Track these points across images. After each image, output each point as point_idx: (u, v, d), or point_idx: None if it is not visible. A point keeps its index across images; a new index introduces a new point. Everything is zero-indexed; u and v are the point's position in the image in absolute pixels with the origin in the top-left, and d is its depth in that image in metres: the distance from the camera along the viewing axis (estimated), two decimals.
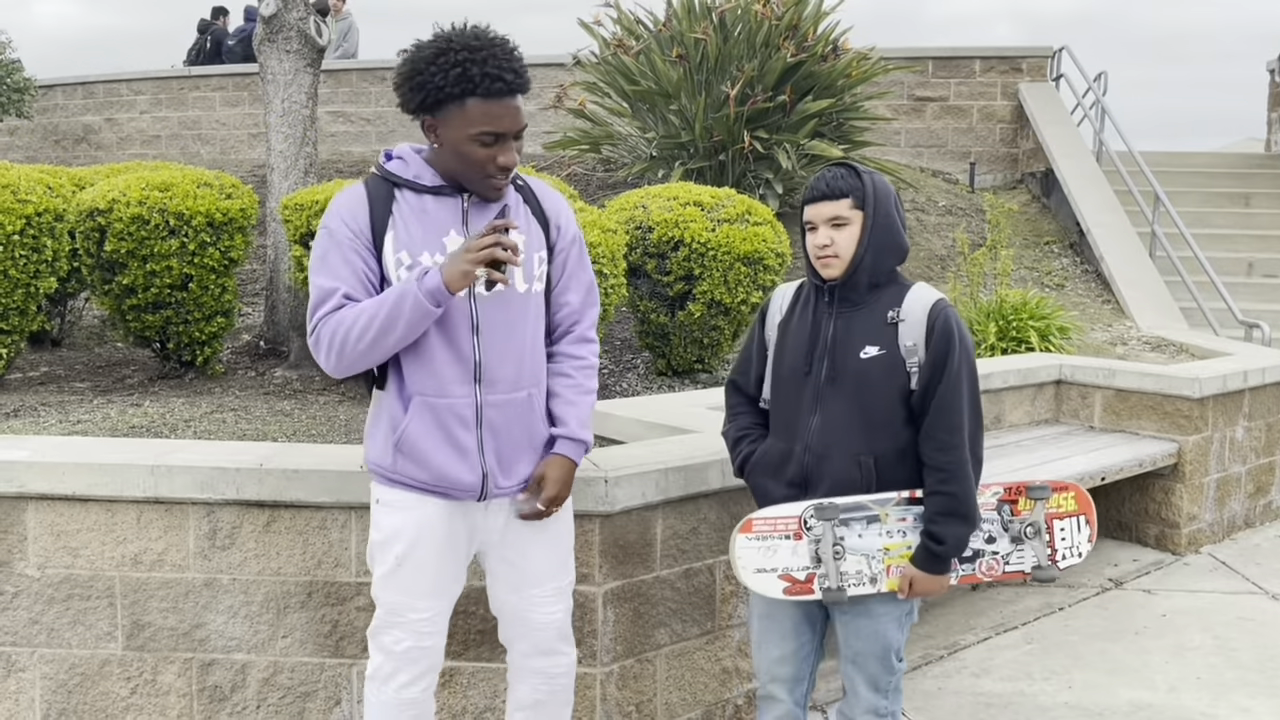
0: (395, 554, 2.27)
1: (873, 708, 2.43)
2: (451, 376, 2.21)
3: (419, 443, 2.21)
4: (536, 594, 2.38)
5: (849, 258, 2.31)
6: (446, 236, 2.21)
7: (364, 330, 2.11)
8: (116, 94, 12.71)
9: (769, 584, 2.33)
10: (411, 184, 2.22)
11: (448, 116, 2.13)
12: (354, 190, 2.23)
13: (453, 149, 2.16)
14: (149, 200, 4.68)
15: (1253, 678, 3.67)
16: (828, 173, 2.34)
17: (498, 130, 2.13)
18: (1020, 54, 10.77)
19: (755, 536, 2.35)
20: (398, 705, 2.32)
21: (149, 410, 4.33)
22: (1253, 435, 5.39)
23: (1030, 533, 2.38)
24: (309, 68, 5.53)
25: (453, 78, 2.09)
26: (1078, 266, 8.47)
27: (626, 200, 5.55)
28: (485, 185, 2.20)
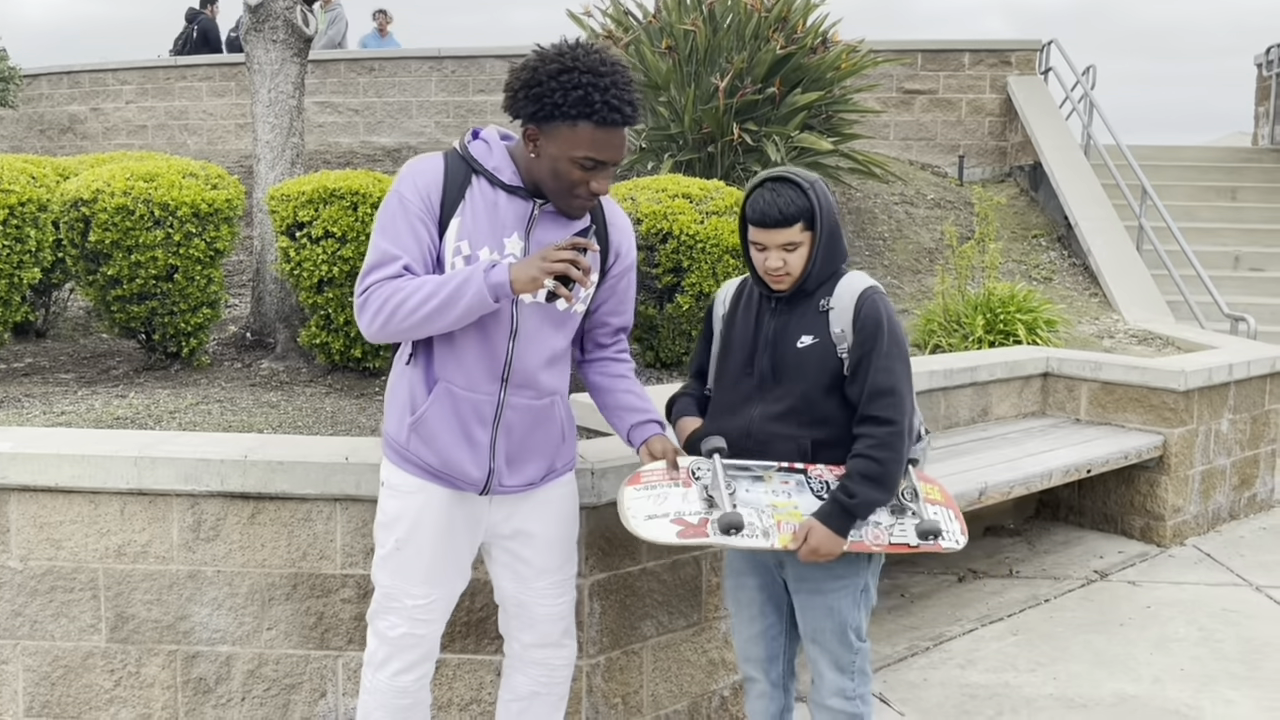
0: (395, 537, 2.28)
1: (839, 689, 2.46)
2: (480, 374, 2.22)
3: (435, 429, 2.23)
4: (541, 585, 2.40)
5: (799, 273, 2.38)
6: (509, 237, 2.20)
7: (419, 305, 2.10)
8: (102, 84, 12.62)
9: (661, 529, 2.31)
10: (490, 174, 2.21)
11: (555, 133, 2.12)
12: (433, 161, 2.21)
13: (550, 164, 2.14)
14: (134, 190, 4.64)
15: (1236, 669, 3.69)
16: (776, 196, 2.31)
17: (601, 158, 2.13)
18: (1009, 47, 10.78)
19: (644, 486, 2.37)
20: (391, 692, 2.33)
21: (134, 402, 4.31)
22: (1238, 428, 5.42)
23: (908, 496, 2.38)
24: (296, 58, 5.49)
25: (573, 99, 2.07)
26: (1065, 260, 8.49)
27: (615, 192, 5.53)
28: (569, 204, 2.19)
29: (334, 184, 4.67)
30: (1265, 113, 11.44)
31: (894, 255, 8.09)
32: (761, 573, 2.53)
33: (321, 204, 4.64)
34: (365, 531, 2.80)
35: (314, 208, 4.64)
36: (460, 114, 11.22)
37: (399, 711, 2.35)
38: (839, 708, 2.46)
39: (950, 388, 4.93)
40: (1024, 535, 5.18)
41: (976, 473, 4.13)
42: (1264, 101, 11.50)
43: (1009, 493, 4.14)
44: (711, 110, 7.51)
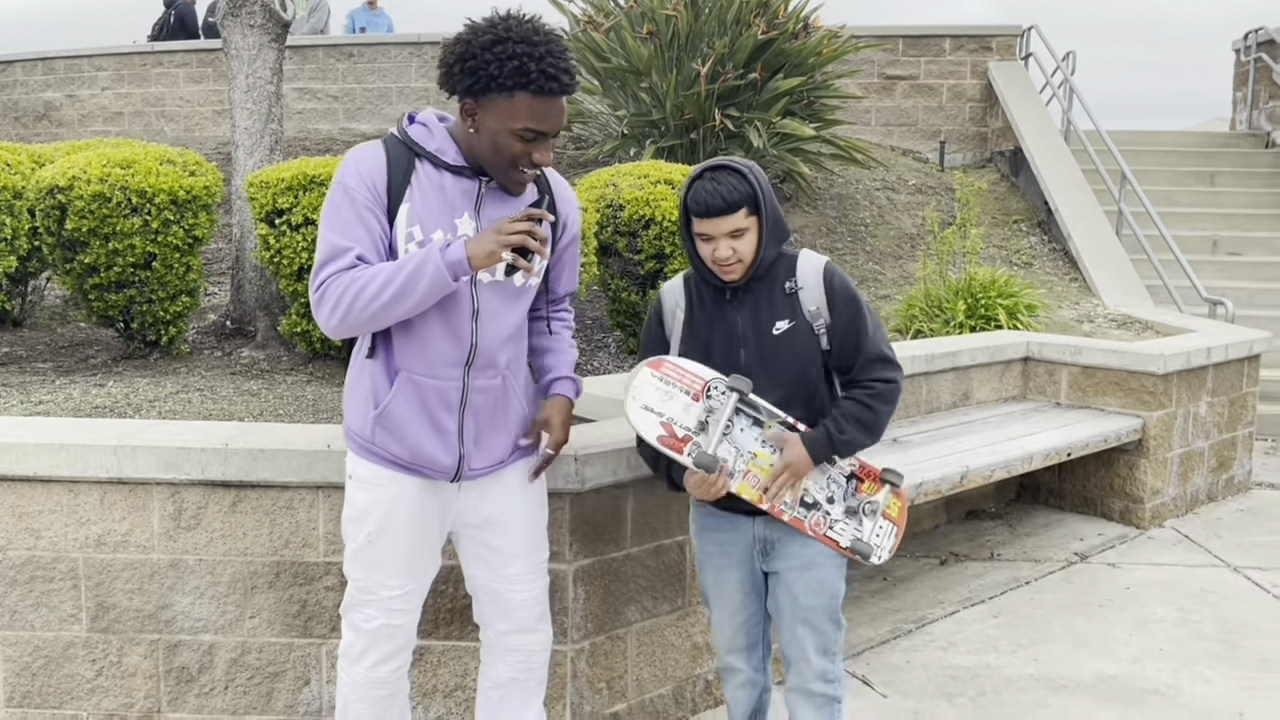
0: (367, 531, 2.25)
1: (823, 673, 2.46)
2: (444, 359, 2.19)
3: (400, 420, 2.20)
4: (512, 572, 2.37)
5: (750, 259, 2.35)
6: (459, 218, 2.17)
7: (377, 293, 2.06)
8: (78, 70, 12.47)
9: (648, 423, 2.30)
10: (433, 157, 2.17)
11: (493, 105, 2.08)
12: (373, 149, 2.17)
13: (490, 138, 2.11)
14: (110, 178, 4.60)
15: (1215, 649, 3.73)
16: (718, 185, 2.28)
17: (541, 129, 2.10)
18: (990, 33, 10.80)
19: (660, 378, 2.34)
20: (369, 684, 2.31)
21: (112, 391, 4.28)
22: (1215, 411, 5.47)
23: (868, 510, 2.42)
24: (273, 43, 5.44)
25: (509, 70, 2.04)
26: (1046, 245, 8.53)
27: (597, 178, 5.52)
28: (511, 178, 2.16)
29: (314, 170, 4.64)
30: (1243, 98, 11.50)
31: (876, 241, 8.11)
32: (742, 565, 2.51)
33: (301, 191, 4.61)
34: None
35: (293, 194, 4.61)
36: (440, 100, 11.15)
37: (378, 702, 2.34)
38: (819, 691, 2.46)
39: (932, 372, 4.96)
40: (1005, 518, 5.22)
41: (958, 456, 4.16)
42: (1242, 87, 11.57)
43: (990, 476, 4.16)
44: (693, 96, 7.49)
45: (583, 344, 5.64)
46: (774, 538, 2.45)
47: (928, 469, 3.93)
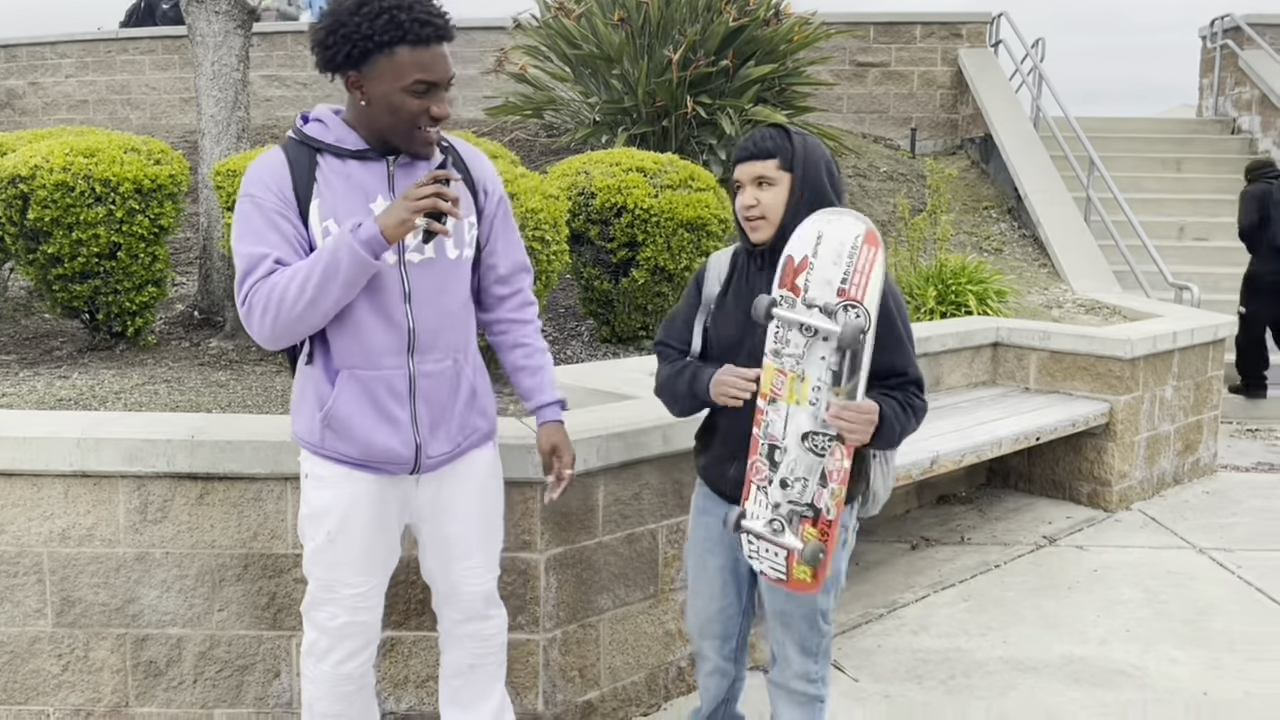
0: (326, 530, 2.22)
1: (804, 672, 2.43)
2: (383, 347, 2.14)
3: (348, 418, 2.15)
4: (466, 565, 2.35)
5: (777, 221, 2.24)
6: (374, 202, 2.13)
7: (300, 290, 2.00)
8: (41, 57, 12.27)
9: None
10: (334, 148, 2.13)
11: (376, 69, 2.04)
12: (271, 156, 2.13)
13: (384, 103, 2.05)
14: (73, 166, 4.53)
15: (1180, 629, 3.78)
16: (757, 132, 2.28)
17: (431, 79, 2.05)
18: (960, 20, 10.84)
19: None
20: (335, 680, 2.30)
21: (77, 383, 4.22)
22: (1181, 394, 5.53)
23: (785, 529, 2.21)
24: (239, 29, 5.37)
25: (380, 25, 2.00)
26: (1015, 231, 8.59)
27: (569, 166, 5.50)
28: (417, 140, 2.11)
29: None
30: (1209, 85, 11.62)
31: None
32: (726, 553, 2.47)
33: None
34: None
35: None
36: None
37: (343, 698, 2.32)
38: (802, 690, 2.43)
39: None
40: (975, 503, 5.27)
41: (928, 441, 4.19)
42: (1208, 74, 11.69)
43: (960, 461, 4.19)
44: (665, 83, 7.47)
45: (555, 332, 5.63)
46: None
47: (898, 454, 3.94)
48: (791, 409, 2.16)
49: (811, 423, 2.14)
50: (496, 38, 10.67)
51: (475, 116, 10.25)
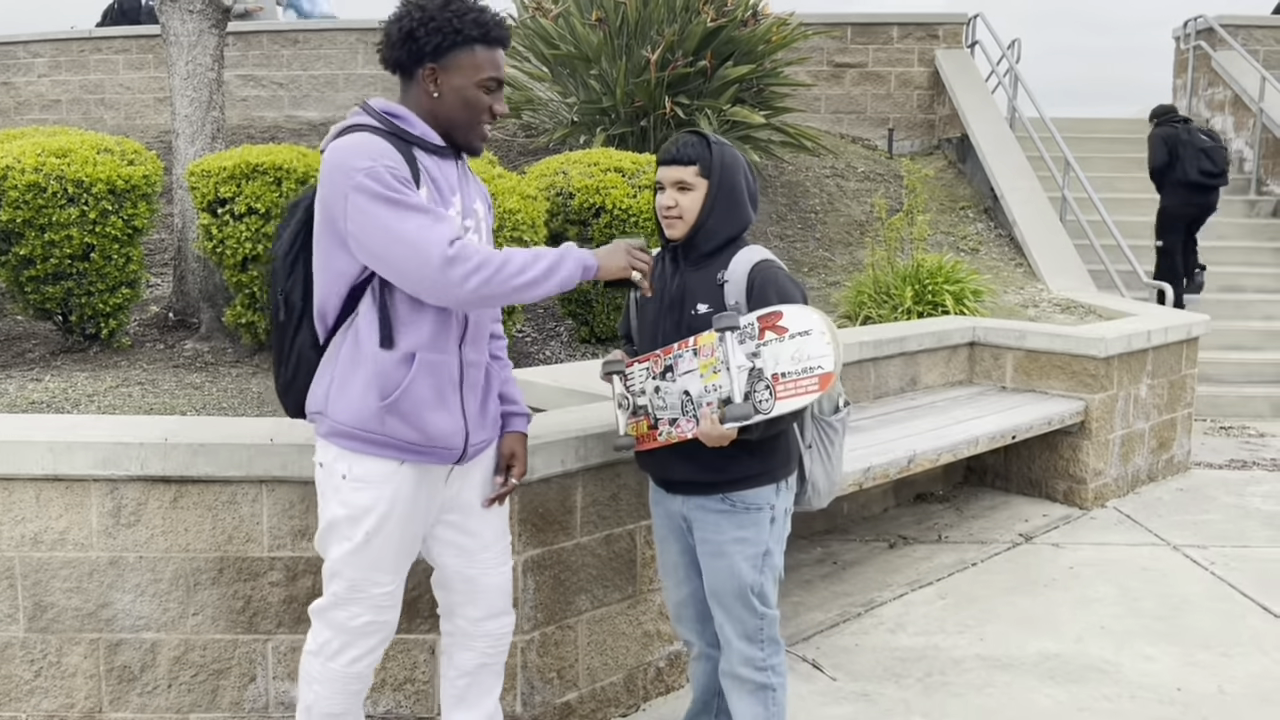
0: (365, 529, 2.20)
1: (748, 658, 2.48)
2: (449, 336, 2.22)
3: (419, 403, 2.17)
4: (486, 556, 2.41)
5: (691, 220, 2.44)
6: (455, 196, 2.22)
7: (519, 271, 2.07)
8: (12, 56, 12.13)
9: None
10: (421, 141, 2.19)
11: (454, 62, 2.17)
12: (375, 139, 2.10)
13: (457, 96, 2.18)
14: (45, 167, 4.49)
15: (1155, 626, 3.82)
16: (680, 138, 2.46)
17: (499, 76, 2.21)
18: (937, 21, 10.89)
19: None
20: (346, 679, 2.30)
21: (50, 385, 4.18)
22: (1155, 393, 5.58)
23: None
24: (214, 29, 5.34)
25: (468, 22, 2.15)
26: (992, 231, 8.64)
27: (547, 166, 5.49)
28: (477, 135, 2.24)
29: (257, 159, 4.56)
30: (1183, 85, 11.73)
31: (825, 228, 8.16)
32: (680, 539, 2.59)
33: (244, 180, 4.53)
34: (293, 513, 2.76)
35: (236, 184, 4.53)
36: (388, 87, 11.01)
37: (352, 696, 2.33)
38: (749, 677, 2.47)
39: (880, 358, 5.01)
40: (952, 501, 5.29)
41: (906, 441, 4.20)
42: (1182, 74, 11.79)
43: (937, 460, 4.22)
44: (643, 84, 7.48)
45: (534, 332, 5.62)
46: (690, 518, 2.52)
47: (876, 453, 3.97)
48: (698, 372, 2.39)
49: (695, 392, 2.39)
50: None
51: None
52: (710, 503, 2.45)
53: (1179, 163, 7.93)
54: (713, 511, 2.45)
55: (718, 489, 2.43)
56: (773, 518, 2.47)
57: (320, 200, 2.13)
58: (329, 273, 2.16)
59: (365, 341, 2.16)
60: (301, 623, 2.79)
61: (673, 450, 2.46)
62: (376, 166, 2.05)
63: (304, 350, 2.25)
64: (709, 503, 2.45)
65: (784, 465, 2.47)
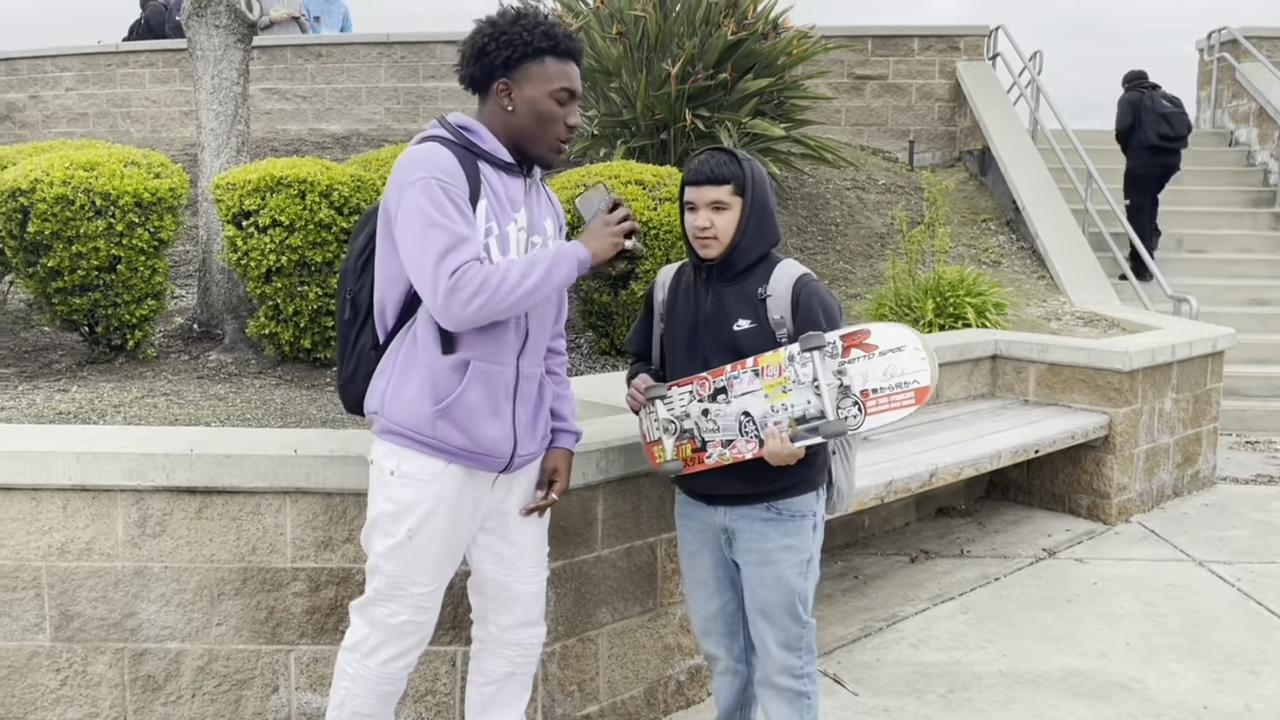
0: (407, 526, 2.25)
1: (787, 667, 2.48)
2: (508, 347, 2.26)
3: (471, 410, 2.21)
4: (523, 564, 2.43)
5: (727, 240, 2.43)
6: (517, 212, 2.26)
7: (518, 283, 2.11)
8: (41, 70, 12.30)
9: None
10: (491, 157, 2.24)
11: (527, 76, 2.22)
12: (439, 150, 2.17)
13: (531, 109, 2.23)
14: (74, 180, 4.54)
15: (1180, 642, 3.78)
16: (711, 158, 2.44)
17: (572, 88, 2.25)
18: (958, 33, 10.88)
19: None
20: (379, 679, 2.33)
21: (77, 396, 4.22)
22: (1180, 407, 5.54)
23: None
24: (239, 43, 5.39)
25: (538, 34, 2.21)
26: (1014, 243, 8.60)
27: (568, 179, 5.51)
28: (551, 147, 2.27)
29: (281, 172, 4.60)
30: (1207, 97, 11.65)
31: (846, 240, 8.15)
32: (713, 552, 2.57)
33: (268, 192, 4.57)
34: (316, 524, 2.77)
35: (260, 196, 4.57)
36: (410, 100, 11.10)
37: (383, 698, 2.36)
38: (787, 685, 2.49)
39: None
40: (974, 515, 5.26)
41: (928, 454, 4.19)
42: (1206, 86, 11.72)
43: (959, 474, 4.19)
44: (663, 96, 7.50)
45: None
46: (734, 529, 2.49)
47: (897, 467, 3.96)
48: (761, 392, 2.37)
49: (758, 413, 2.37)
50: None
51: None
52: (755, 512, 2.46)
53: (1141, 126, 8.46)
54: (758, 520, 2.45)
55: (763, 498, 2.44)
56: (815, 524, 2.50)
57: (383, 205, 2.21)
58: (388, 276, 2.23)
59: (422, 346, 2.22)
60: (324, 634, 2.81)
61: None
62: (430, 180, 2.12)
63: (365, 350, 2.32)
64: (754, 512, 2.46)
65: (820, 472, 2.50)
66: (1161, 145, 8.46)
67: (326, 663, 2.81)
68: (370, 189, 4.81)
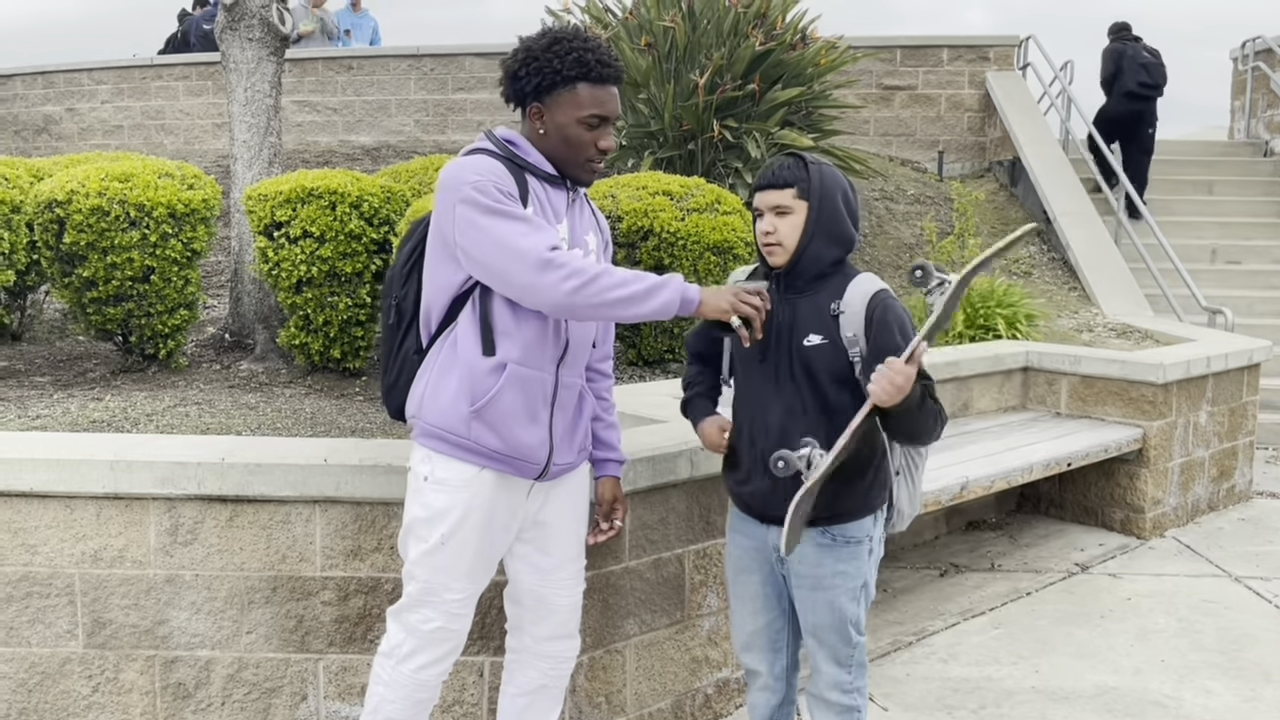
0: (441, 532, 2.26)
1: (837, 683, 2.47)
2: (546, 355, 2.27)
3: (505, 412, 2.23)
4: (561, 576, 2.44)
5: (793, 246, 2.37)
6: (559, 223, 2.28)
7: (615, 286, 2.10)
8: (77, 84, 12.49)
9: None
10: (534, 168, 2.28)
11: (558, 101, 2.23)
12: (488, 161, 2.22)
13: (560, 133, 2.25)
14: (109, 191, 4.60)
15: (1216, 659, 3.71)
16: (776, 162, 2.40)
17: (603, 114, 2.25)
18: (987, 43, 10.82)
19: None
20: (413, 685, 2.33)
21: (110, 404, 4.27)
22: (1216, 420, 5.46)
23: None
24: (272, 56, 5.45)
25: (570, 61, 2.21)
26: (1045, 254, 8.53)
27: (595, 190, 5.52)
28: (584, 169, 2.29)
29: (312, 183, 4.64)
30: (1241, 107, 11.52)
31: (875, 251, 8.11)
32: (764, 567, 2.52)
33: (299, 203, 4.61)
34: (345, 534, 2.78)
35: (292, 207, 4.61)
36: (440, 112, 11.17)
37: (417, 705, 2.36)
38: (836, 700, 2.47)
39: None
40: (1005, 529, 5.21)
41: (958, 467, 4.15)
42: (1240, 96, 11.58)
43: (990, 487, 4.15)
44: (691, 107, 7.50)
45: None
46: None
47: (927, 480, 3.92)
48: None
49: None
50: None
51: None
52: (810, 535, 2.40)
53: (1122, 74, 9.26)
54: (812, 545, 2.40)
55: (818, 523, 2.38)
56: (870, 549, 2.44)
57: (434, 215, 2.24)
58: (435, 283, 2.26)
59: (463, 348, 2.24)
60: (353, 643, 2.81)
61: (774, 488, 2.40)
62: (483, 180, 2.16)
63: (408, 355, 2.35)
64: (808, 535, 2.40)
65: (879, 495, 2.44)
66: (1139, 92, 9.20)
67: (355, 672, 2.82)
68: (400, 200, 4.84)
